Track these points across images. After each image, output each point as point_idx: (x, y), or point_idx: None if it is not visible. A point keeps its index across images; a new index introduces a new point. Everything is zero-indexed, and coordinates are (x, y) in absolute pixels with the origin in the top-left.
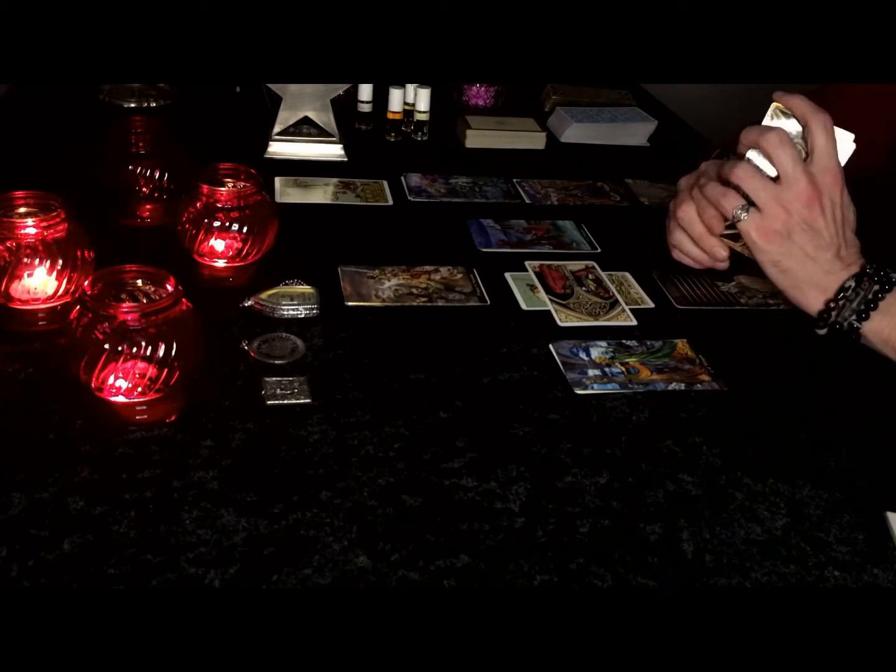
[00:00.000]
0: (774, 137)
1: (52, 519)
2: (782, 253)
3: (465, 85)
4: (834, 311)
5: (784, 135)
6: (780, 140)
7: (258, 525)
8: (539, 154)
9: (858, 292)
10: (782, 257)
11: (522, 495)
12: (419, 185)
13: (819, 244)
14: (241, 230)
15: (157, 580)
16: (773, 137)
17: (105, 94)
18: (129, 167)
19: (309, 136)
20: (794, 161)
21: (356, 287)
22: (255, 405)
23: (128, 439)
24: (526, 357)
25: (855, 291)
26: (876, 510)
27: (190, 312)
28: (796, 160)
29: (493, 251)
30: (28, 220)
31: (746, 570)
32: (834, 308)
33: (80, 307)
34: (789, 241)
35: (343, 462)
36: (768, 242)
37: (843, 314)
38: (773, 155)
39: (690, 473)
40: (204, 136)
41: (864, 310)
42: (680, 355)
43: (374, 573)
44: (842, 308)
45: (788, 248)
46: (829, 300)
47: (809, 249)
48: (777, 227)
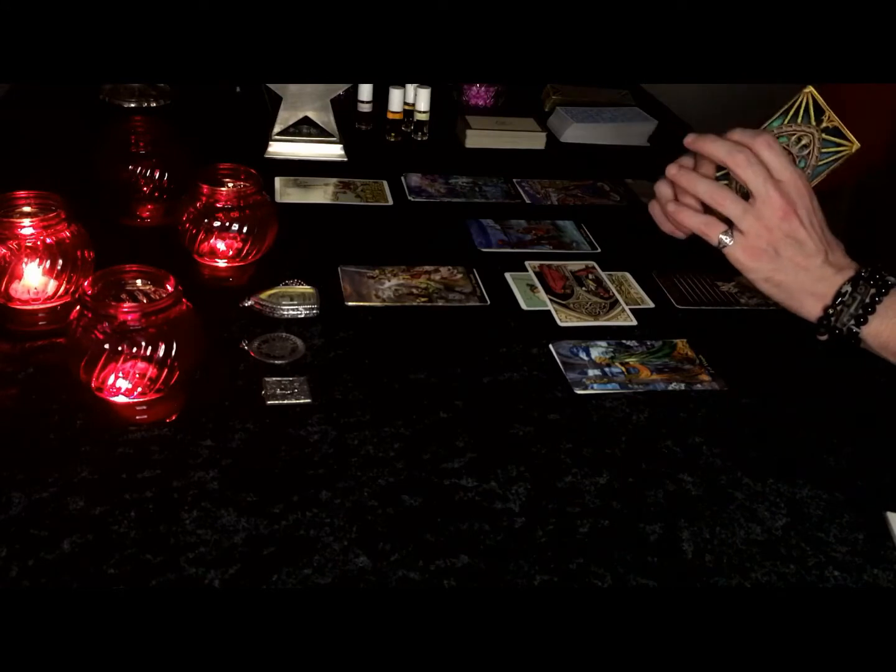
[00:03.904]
0: (743, 159)
1: (52, 519)
2: (773, 269)
3: (465, 85)
4: (833, 316)
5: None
6: (747, 161)
7: (258, 525)
8: (539, 154)
9: (855, 297)
10: (773, 273)
11: (522, 495)
12: (419, 185)
13: (806, 253)
14: (241, 230)
15: (157, 580)
16: (741, 159)
17: (105, 94)
18: (129, 167)
19: (309, 136)
20: (765, 179)
21: (356, 287)
22: (255, 405)
23: (128, 439)
24: (526, 357)
25: (852, 296)
26: (876, 510)
27: (190, 312)
28: (766, 178)
29: (493, 251)
30: (28, 220)
31: (746, 570)
32: (833, 314)
33: (80, 307)
34: (777, 257)
35: (343, 462)
36: (757, 261)
37: (842, 319)
38: (742, 176)
39: (690, 473)
40: (204, 136)
41: (861, 314)
42: (680, 355)
43: (374, 573)
44: (840, 313)
45: (778, 264)
46: (828, 306)
47: (798, 260)
48: (762, 245)
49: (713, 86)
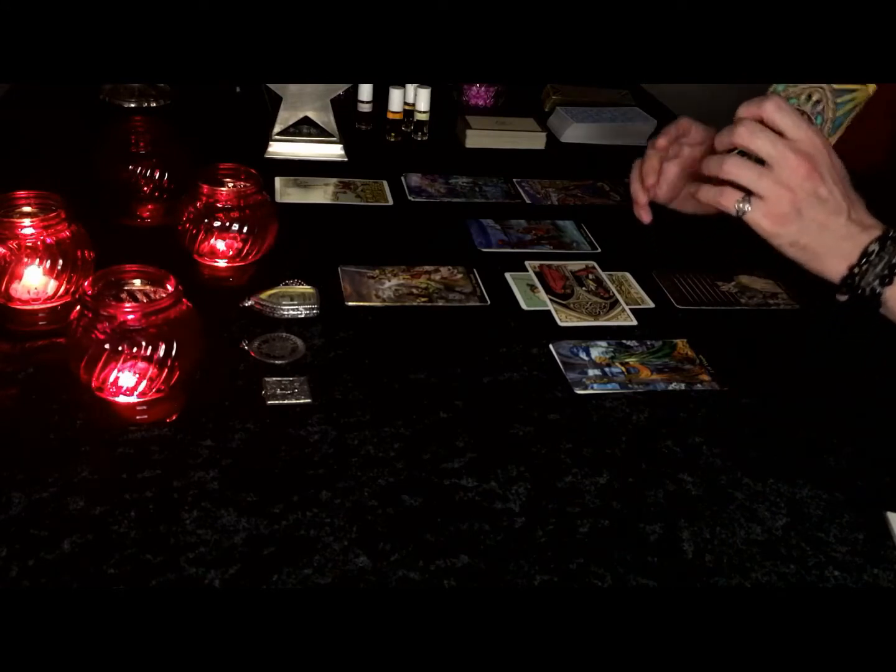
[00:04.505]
0: (744, 130)
1: (52, 519)
2: (797, 231)
3: (465, 85)
4: (857, 275)
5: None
6: (749, 131)
7: (258, 525)
8: (539, 154)
9: (883, 256)
10: (799, 235)
11: (522, 495)
12: (419, 185)
13: (829, 210)
14: (241, 230)
15: (157, 580)
16: (742, 131)
17: (105, 94)
18: (129, 167)
19: (309, 136)
20: (773, 141)
21: (356, 287)
22: (255, 405)
23: (128, 439)
24: (526, 357)
25: (879, 256)
26: (876, 510)
27: (190, 312)
28: (773, 140)
29: (493, 251)
30: (28, 220)
31: (746, 570)
32: (857, 273)
33: (80, 307)
34: (801, 218)
35: (343, 462)
36: (781, 226)
37: (867, 279)
38: (751, 146)
39: (690, 473)
40: (204, 136)
41: (887, 275)
42: (680, 355)
43: (374, 573)
44: (865, 272)
45: (802, 225)
46: (853, 265)
47: (822, 219)
48: (785, 208)
49: (713, 86)
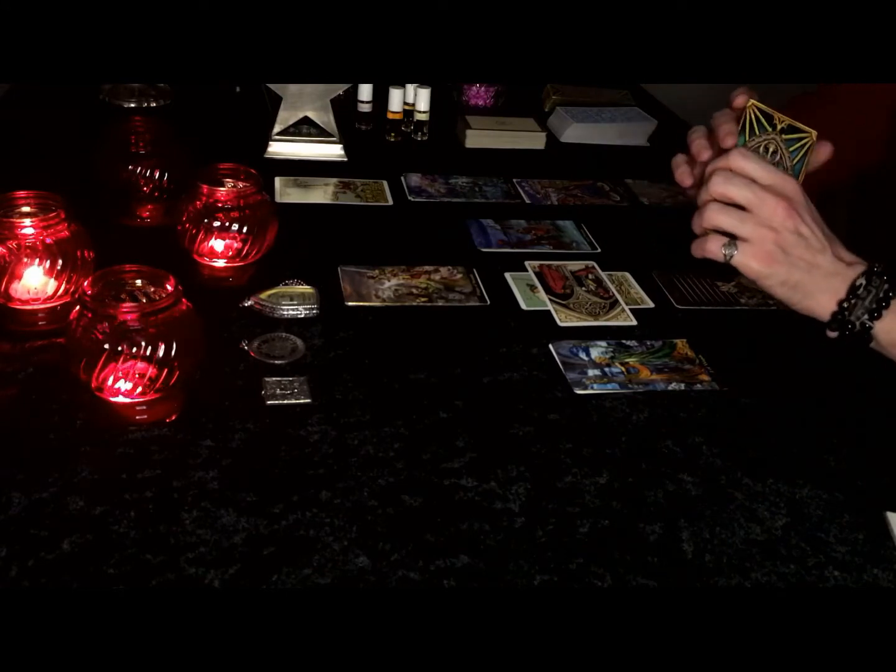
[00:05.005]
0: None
1: (52, 519)
2: (786, 271)
3: (465, 85)
4: (847, 310)
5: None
6: (723, 178)
7: (258, 525)
8: (539, 154)
9: (870, 290)
10: (788, 274)
11: (522, 495)
12: (419, 185)
13: (814, 248)
14: (241, 230)
15: (157, 580)
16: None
17: (105, 94)
18: (129, 167)
19: (309, 136)
20: (749, 185)
21: (356, 287)
22: (255, 405)
23: (128, 439)
24: (526, 357)
25: (867, 290)
26: (876, 510)
27: (190, 312)
28: (748, 185)
29: (493, 251)
30: (28, 220)
31: (746, 570)
32: (847, 308)
33: (80, 307)
34: (788, 256)
35: (343, 462)
36: (769, 266)
37: (856, 313)
38: (727, 194)
39: (690, 473)
40: (204, 136)
41: (875, 308)
42: (680, 355)
43: (373, 573)
44: (854, 307)
45: (790, 263)
46: (842, 300)
47: (808, 257)
48: (770, 248)
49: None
